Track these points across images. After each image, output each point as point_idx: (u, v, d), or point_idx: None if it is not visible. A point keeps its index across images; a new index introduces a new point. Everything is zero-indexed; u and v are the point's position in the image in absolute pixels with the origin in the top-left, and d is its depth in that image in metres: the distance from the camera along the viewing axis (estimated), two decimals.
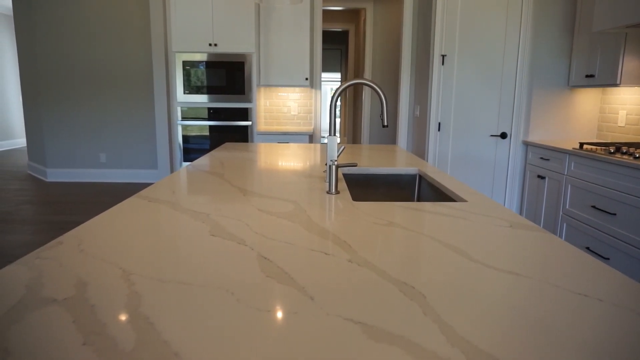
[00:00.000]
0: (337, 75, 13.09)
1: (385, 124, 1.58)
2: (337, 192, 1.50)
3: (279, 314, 0.67)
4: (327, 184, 1.65)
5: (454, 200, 1.53)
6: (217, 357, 0.55)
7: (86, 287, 0.75)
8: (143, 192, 1.47)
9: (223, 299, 0.71)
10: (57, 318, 0.64)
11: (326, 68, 12.48)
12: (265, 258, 0.89)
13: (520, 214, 3.74)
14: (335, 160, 1.52)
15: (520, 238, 1.06)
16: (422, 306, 0.70)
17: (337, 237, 1.04)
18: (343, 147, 1.73)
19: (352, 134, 7.90)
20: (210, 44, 4.44)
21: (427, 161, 3.73)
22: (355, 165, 1.54)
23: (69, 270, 0.82)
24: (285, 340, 0.60)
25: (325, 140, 11.10)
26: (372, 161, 2.22)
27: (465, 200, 1.44)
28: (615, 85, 3.05)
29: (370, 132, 5.98)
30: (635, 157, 2.52)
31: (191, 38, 4.43)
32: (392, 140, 5.90)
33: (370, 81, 1.54)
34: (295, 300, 0.71)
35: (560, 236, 3.15)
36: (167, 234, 1.04)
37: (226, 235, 1.04)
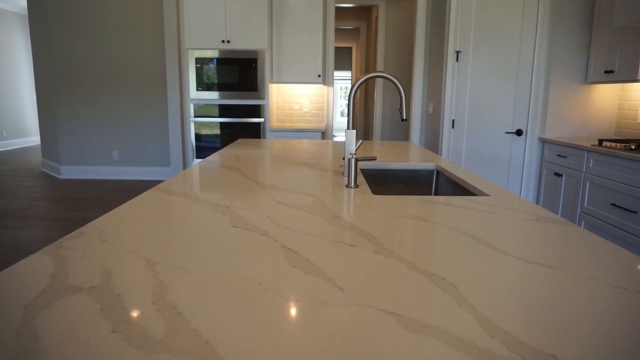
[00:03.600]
0: (347, 74, 13.05)
1: (404, 117, 1.56)
2: (357, 185, 1.48)
3: (309, 304, 0.65)
4: (346, 177, 1.63)
5: (475, 195, 1.49)
6: (248, 346, 0.54)
7: (111, 276, 0.74)
8: (161, 185, 1.46)
9: (251, 289, 0.70)
10: (85, 306, 0.63)
11: (336, 66, 12.44)
12: (290, 249, 0.88)
13: None
14: (354, 154, 1.50)
15: (549, 231, 1.03)
16: (455, 297, 0.68)
17: (361, 229, 1.02)
18: (360, 141, 1.70)
19: (362, 130, 7.86)
20: (223, 41, 4.44)
21: None
22: (375, 159, 1.52)
23: (92, 259, 0.81)
24: (317, 329, 0.58)
25: (337, 139, 11.05)
26: (388, 156, 2.19)
27: (488, 195, 1.41)
28: (635, 80, 2.98)
29: (382, 129, 5.93)
30: None
31: (204, 35, 4.44)
32: (405, 137, 5.85)
33: (390, 74, 1.51)
34: (324, 290, 0.70)
35: None
36: (188, 225, 1.03)
37: (248, 226, 1.02)
